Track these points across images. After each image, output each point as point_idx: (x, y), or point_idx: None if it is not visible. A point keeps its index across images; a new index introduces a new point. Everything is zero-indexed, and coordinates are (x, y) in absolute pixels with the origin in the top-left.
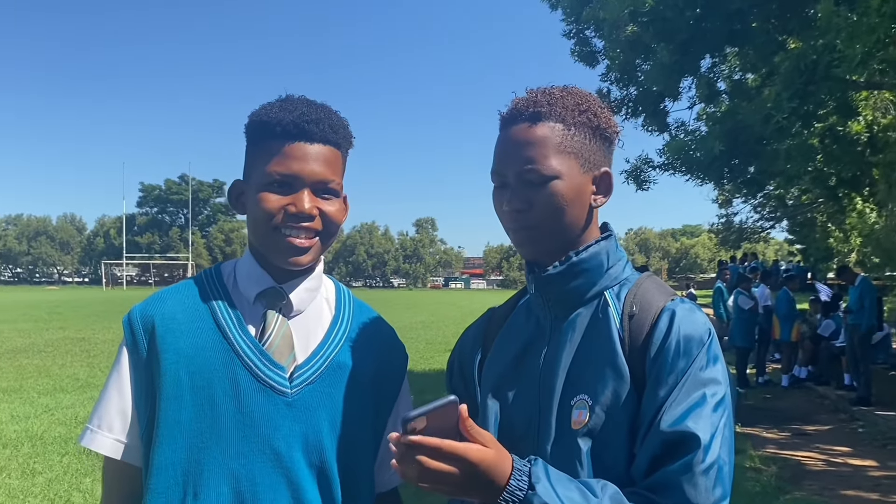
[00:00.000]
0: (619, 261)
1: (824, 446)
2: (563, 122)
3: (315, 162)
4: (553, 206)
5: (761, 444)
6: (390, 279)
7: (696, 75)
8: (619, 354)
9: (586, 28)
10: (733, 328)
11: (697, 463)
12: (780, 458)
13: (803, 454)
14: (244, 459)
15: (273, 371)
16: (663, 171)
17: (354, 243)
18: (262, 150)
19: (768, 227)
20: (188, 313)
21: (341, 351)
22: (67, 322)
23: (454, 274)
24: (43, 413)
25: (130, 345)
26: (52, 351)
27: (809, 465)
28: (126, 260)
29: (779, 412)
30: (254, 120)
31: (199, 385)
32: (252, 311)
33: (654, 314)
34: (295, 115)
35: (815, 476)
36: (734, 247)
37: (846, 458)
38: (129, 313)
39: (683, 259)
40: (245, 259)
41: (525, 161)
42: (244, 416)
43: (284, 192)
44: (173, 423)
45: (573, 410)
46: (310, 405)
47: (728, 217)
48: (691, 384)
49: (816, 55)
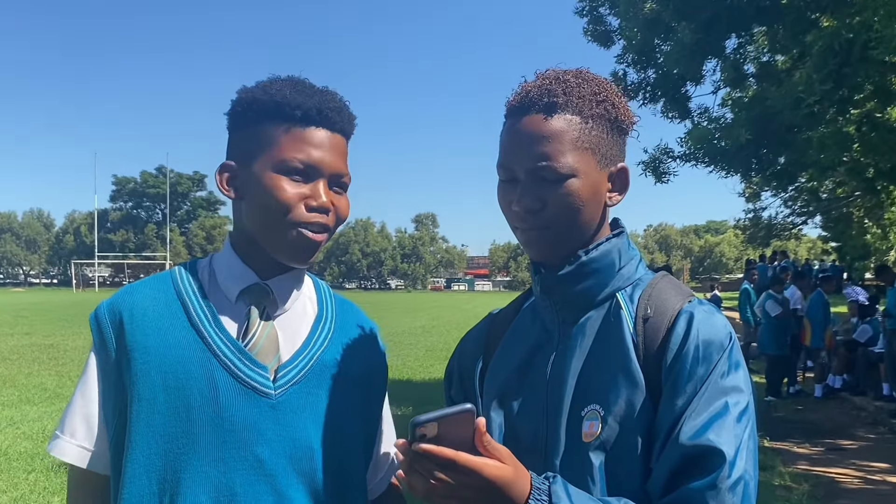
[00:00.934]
0: (631, 260)
1: (861, 462)
2: (580, 114)
3: (334, 152)
4: (568, 205)
5: (792, 460)
6: (387, 280)
7: (721, 57)
8: (633, 361)
9: (601, 5)
10: (763, 334)
11: (723, 479)
12: (813, 474)
13: (838, 471)
14: (224, 466)
15: (255, 371)
16: (684, 162)
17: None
18: (273, 132)
19: (800, 223)
20: (159, 309)
21: (327, 350)
22: (34, 327)
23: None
24: (7, 426)
25: (98, 344)
26: (18, 358)
27: (845, 482)
28: (98, 259)
29: (811, 425)
30: (258, 98)
31: (172, 386)
32: (233, 309)
33: (670, 317)
34: (316, 100)
35: (851, 494)
36: (763, 244)
37: (885, 476)
38: (97, 310)
39: (707, 258)
40: (225, 254)
41: (539, 157)
42: (223, 420)
43: (301, 181)
44: (146, 427)
45: (584, 422)
46: (295, 407)
47: (756, 212)
48: (712, 393)
49: (852, 34)
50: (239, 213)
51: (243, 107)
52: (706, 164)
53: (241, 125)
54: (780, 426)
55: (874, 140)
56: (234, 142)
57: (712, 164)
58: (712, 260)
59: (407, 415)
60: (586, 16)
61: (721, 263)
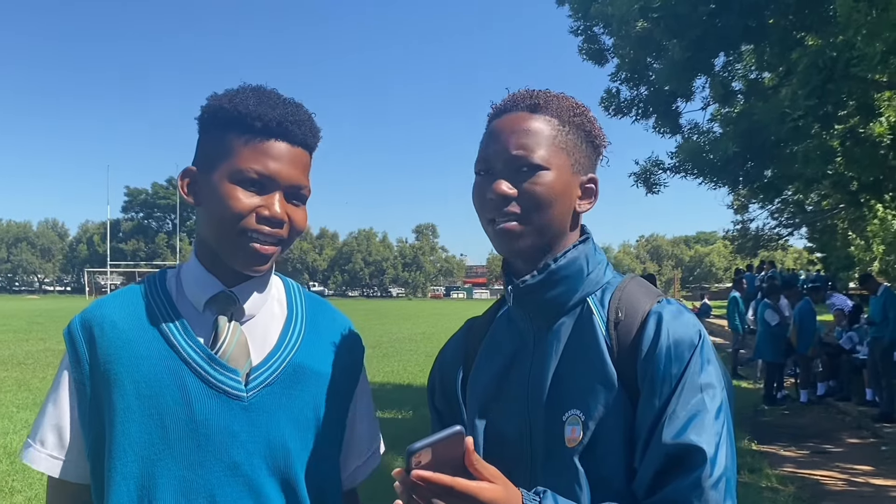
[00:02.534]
0: (598, 264)
1: (845, 465)
2: (559, 118)
3: (292, 165)
4: (540, 196)
5: (779, 463)
6: (388, 288)
7: (710, 74)
8: (608, 364)
9: (594, 25)
10: (760, 342)
11: (706, 478)
12: (799, 477)
13: (823, 473)
14: (201, 469)
15: (225, 375)
16: (674, 174)
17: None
18: (233, 141)
19: (786, 234)
20: (130, 321)
21: (298, 351)
22: (48, 333)
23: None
24: (22, 428)
25: (72, 358)
26: (33, 363)
27: (829, 484)
28: (110, 268)
29: (797, 429)
30: (223, 107)
31: (145, 395)
32: (200, 318)
33: (640, 318)
34: (278, 112)
35: (836, 496)
36: (750, 254)
37: (868, 478)
38: (70, 324)
39: (697, 268)
40: (191, 263)
41: (517, 147)
42: (197, 425)
43: (255, 192)
44: (122, 435)
45: (566, 427)
46: (268, 408)
47: (744, 223)
48: (688, 391)
49: (836, 52)
50: (199, 219)
51: (209, 114)
52: (695, 176)
53: (205, 132)
54: (767, 430)
55: (857, 154)
56: (198, 148)
57: (701, 177)
58: (702, 270)
59: (408, 418)
60: (581, 35)
61: (711, 273)
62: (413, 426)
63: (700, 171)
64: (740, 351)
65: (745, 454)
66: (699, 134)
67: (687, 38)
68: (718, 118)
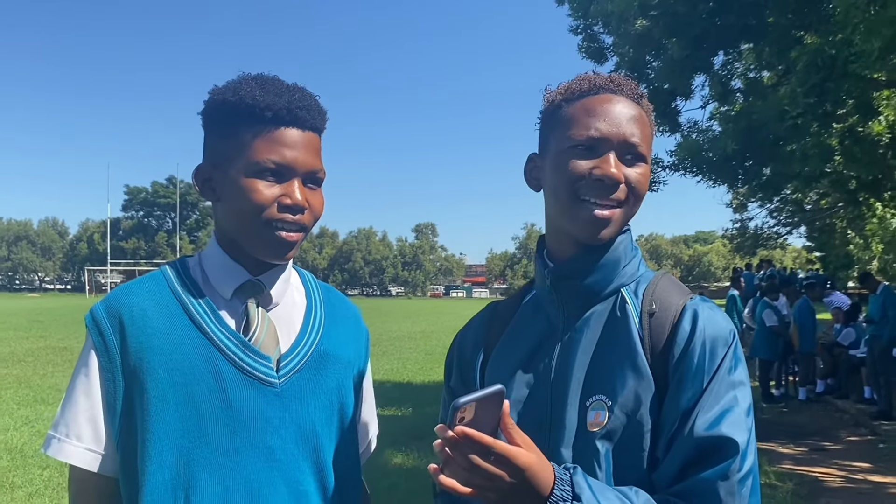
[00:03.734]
0: (634, 257)
1: (843, 462)
2: (648, 114)
3: (306, 150)
4: (641, 186)
5: (777, 460)
6: (388, 287)
7: (710, 73)
8: (640, 354)
9: (594, 24)
10: (756, 339)
11: (735, 470)
12: (797, 474)
13: (821, 470)
14: (237, 456)
15: (259, 362)
16: (674, 172)
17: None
18: (245, 134)
19: (785, 233)
20: (159, 309)
21: (322, 337)
22: (48, 331)
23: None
24: (23, 425)
25: (100, 346)
26: (33, 360)
27: (827, 481)
28: (110, 266)
29: (796, 426)
30: (228, 99)
31: (179, 382)
32: (229, 305)
33: (675, 313)
34: (285, 99)
35: (834, 493)
36: (749, 253)
37: (866, 475)
38: (93, 311)
39: (696, 267)
40: (213, 252)
41: (631, 133)
42: (232, 411)
43: (274, 182)
44: (157, 423)
45: (589, 412)
46: (299, 394)
47: (743, 222)
48: (721, 387)
49: (835, 50)
50: (218, 214)
51: (215, 109)
52: (694, 173)
53: (213, 128)
54: (766, 427)
55: (856, 153)
56: (208, 144)
57: (700, 175)
58: (701, 269)
59: (408, 416)
60: (581, 34)
61: (709, 272)
62: (413, 423)
63: (699, 169)
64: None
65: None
66: (698, 132)
67: (686, 37)
68: (717, 116)
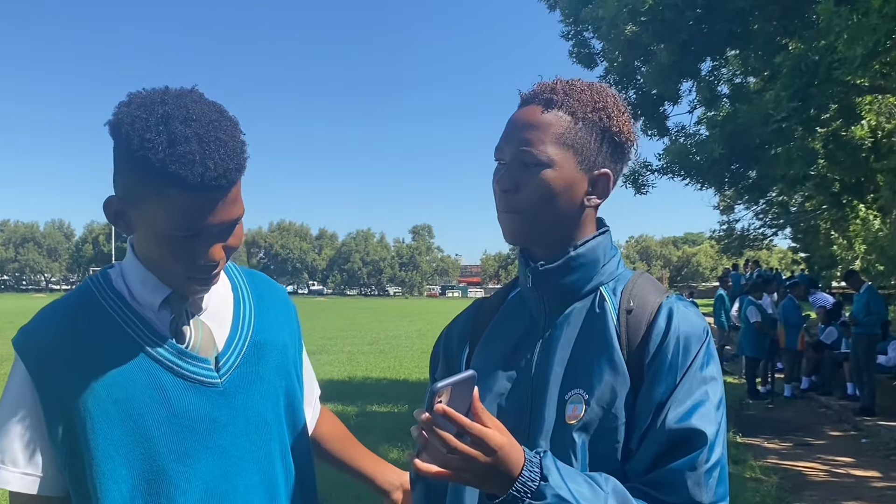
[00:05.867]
0: (613, 257)
1: (827, 457)
2: (572, 114)
3: (224, 209)
4: (539, 192)
5: (762, 455)
6: (386, 287)
7: (697, 78)
8: (617, 350)
9: (585, 29)
10: (742, 337)
11: (702, 461)
12: (782, 468)
13: (805, 465)
14: (190, 460)
15: (197, 366)
16: (662, 175)
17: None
18: (156, 194)
19: (771, 234)
20: (90, 325)
21: (256, 327)
22: None
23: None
24: None
25: (31, 370)
26: None
27: (811, 475)
28: None
29: (781, 422)
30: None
31: (120, 398)
32: (158, 316)
33: (651, 311)
34: (198, 170)
35: (817, 487)
36: (736, 254)
37: (849, 469)
38: (21, 335)
39: (685, 267)
40: (132, 266)
41: (523, 142)
42: (179, 418)
43: (191, 241)
44: (105, 440)
45: (567, 405)
46: (242, 388)
47: (730, 224)
48: (693, 382)
49: (818, 56)
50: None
51: (134, 144)
52: (682, 177)
53: (121, 164)
54: (752, 423)
55: (839, 156)
56: (117, 174)
57: (688, 178)
58: (689, 269)
59: (404, 412)
60: (571, 39)
61: (698, 272)
62: (408, 420)
63: (687, 173)
64: (725, 347)
65: (731, 446)
66: (686, 136)
67: (674, 43)
68: (704, 121)
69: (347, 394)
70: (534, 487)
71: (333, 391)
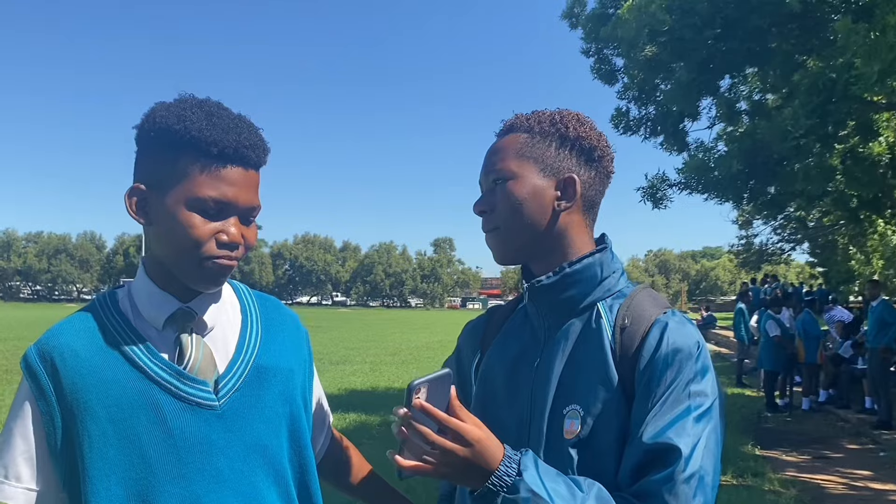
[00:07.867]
0: (613, 272)
1: (845, 470)
2: (528, 132)
3: (247, 189)
4: (507, 203)
5: (781, 467)
6: (408, 299)
7: (716, 95)
8: (611, 366)
9: (605, 47)
10: (762, 351)
11: (678, 473)
12: (800, 481)
13: (823, 477)
14: (185, 482)
15: (195, 388)
16: (681, 190)
17: (372, 263)
18: (188, 167)
19: (789, 248)
20: (91, 347)
21: (260, 352)
22: None
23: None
24: None
25: (35, 390)
26: None
27: (830, 488)
28: None
29: (799, 435)
30: (172, 127)
31: (117, 418)
32: (161, 336)
33: (645, 326)
34: (233, 136)
35: (836, 500)
36: (754, 268)
37: (867, 482)
38: (26, 356)
39: (704, 281)
40: (141, 282)
41: (489, 167)
42: (175, 440)
43: (213, 217)
44: (101, 460)
45: (565, 420)
46: (241, 412)
47: (748, 238)
48: (676, 396)
49: (835, 73)
50: (150, 238)
51: (156, 132)
52: (701, 191)
53: (152, 150)
54: (770, 436)
55: (856, 172)
56: (143, 164)
57: (707, 192)
58: (708, 283)
59: None
60: (592, 56)
61: (716, 286)
62: None
63: (706, 188)
64: (745, 361)
65: (749, 459)
66: (705, 152)
67: (693, 61)
68: (723, 137)
69: (370, 403)
70: (509, 482)
71: (357, 401)
